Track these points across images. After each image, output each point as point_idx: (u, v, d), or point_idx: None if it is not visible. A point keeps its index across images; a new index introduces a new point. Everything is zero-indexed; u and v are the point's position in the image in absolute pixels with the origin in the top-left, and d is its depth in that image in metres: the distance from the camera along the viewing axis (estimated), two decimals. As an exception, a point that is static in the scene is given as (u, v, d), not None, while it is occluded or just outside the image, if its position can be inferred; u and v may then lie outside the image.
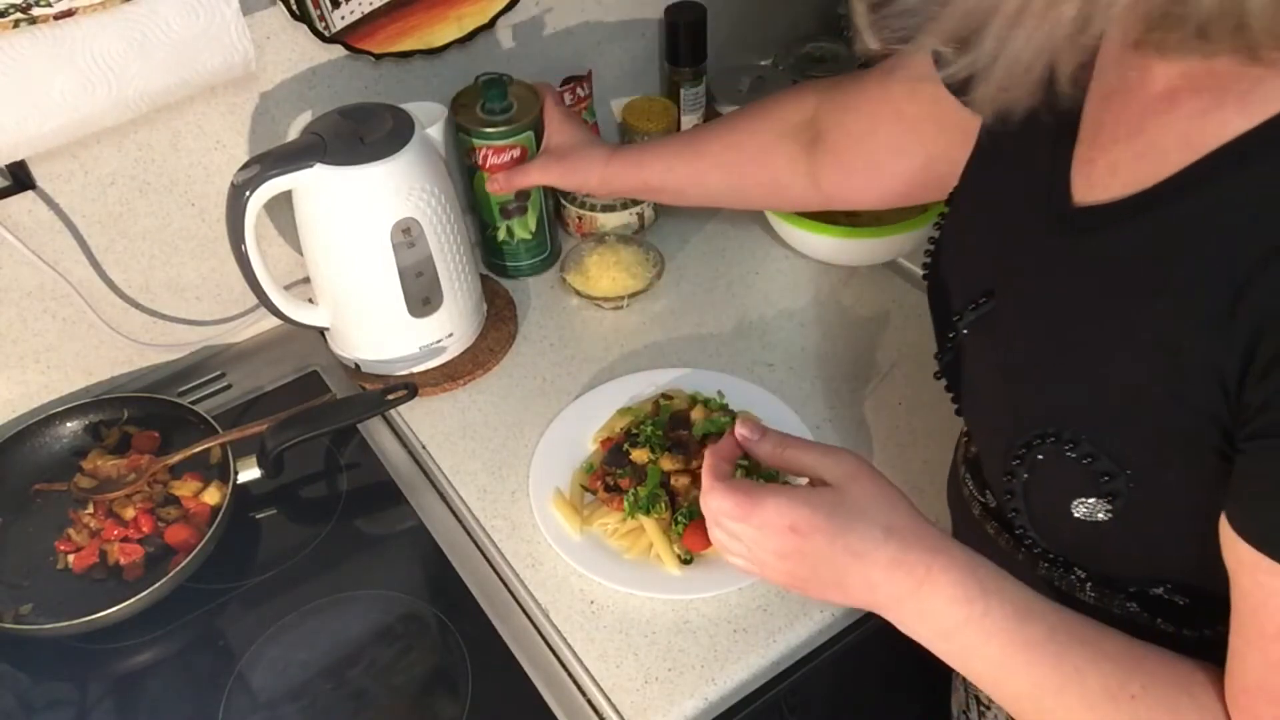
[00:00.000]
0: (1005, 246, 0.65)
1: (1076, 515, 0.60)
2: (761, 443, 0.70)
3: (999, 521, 0.73)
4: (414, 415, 1.07)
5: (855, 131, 0.90)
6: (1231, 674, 0.55)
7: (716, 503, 0.67)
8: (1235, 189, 0.50)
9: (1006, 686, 0.61)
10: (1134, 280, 0.55)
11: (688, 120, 1.29)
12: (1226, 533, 0.52)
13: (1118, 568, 0.64)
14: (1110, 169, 0.57)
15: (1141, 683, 0.57)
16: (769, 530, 0.64)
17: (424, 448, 1.05)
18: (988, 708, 0.89)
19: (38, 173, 0.96)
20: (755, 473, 0.94)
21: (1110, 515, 0.58)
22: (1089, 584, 0.67)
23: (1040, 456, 0.61)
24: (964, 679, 0.94)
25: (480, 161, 1.11)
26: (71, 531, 0.94)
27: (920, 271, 0.79)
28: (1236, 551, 0.51)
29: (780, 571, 0.66)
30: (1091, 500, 0.58)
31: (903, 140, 0.86)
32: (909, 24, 0.50)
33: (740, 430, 0.71)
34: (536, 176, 1.09)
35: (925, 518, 0.65)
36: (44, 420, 1.01)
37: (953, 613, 0.61)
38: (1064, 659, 0.58)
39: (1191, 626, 0.63)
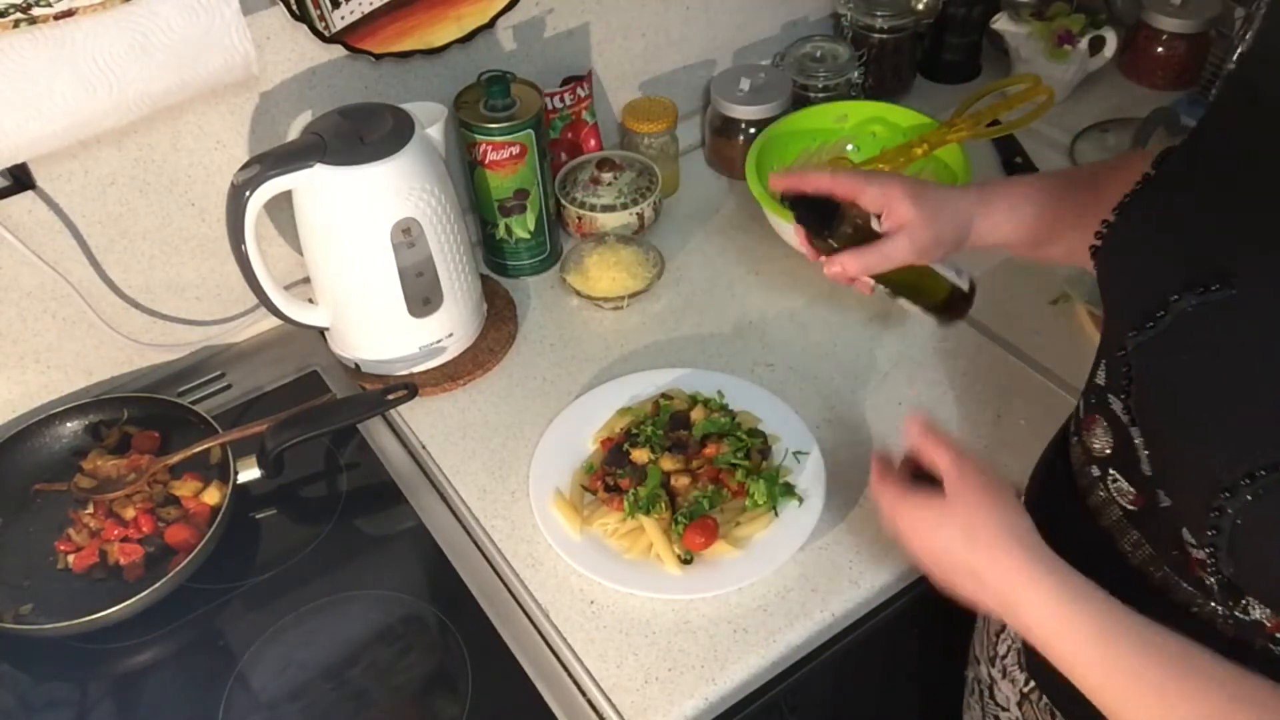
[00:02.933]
0: (1259, 232, 0.58)
1: None
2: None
3: (1142, 530, 0.68)
4: (414, 415, 1.07)
5: None
6: None
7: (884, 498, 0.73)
8: None
9: (1104, 701, 0.61)
10: None
11: None
12: None
13: None
14: None
15: (1256, 707, 0.56)
16: (908, 531, 0.72)
17: (424, 448, 1.05)
18: None
19: (38, 173, 0.96)
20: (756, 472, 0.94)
21: None
22: (1233, 622, 0.62)
23: (1276, 482, 0.53)
24: (979, 696, 0.94)
25: (480, 157, 1.11)
26: (71, 531, 0.94)
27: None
28: None
29: (925, 560, 0.72)
30: None
31: None
32: None
33: (913, 430, 0.74)
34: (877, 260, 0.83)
35: (1018, 531, 0.67)
36: (44, 420, 1.01)
37: (1043, 634, 0.63)
38: (1151, 684, 0.58)
39: None
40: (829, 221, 0.80)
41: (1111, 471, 0.69)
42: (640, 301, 1.18)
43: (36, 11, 0.80)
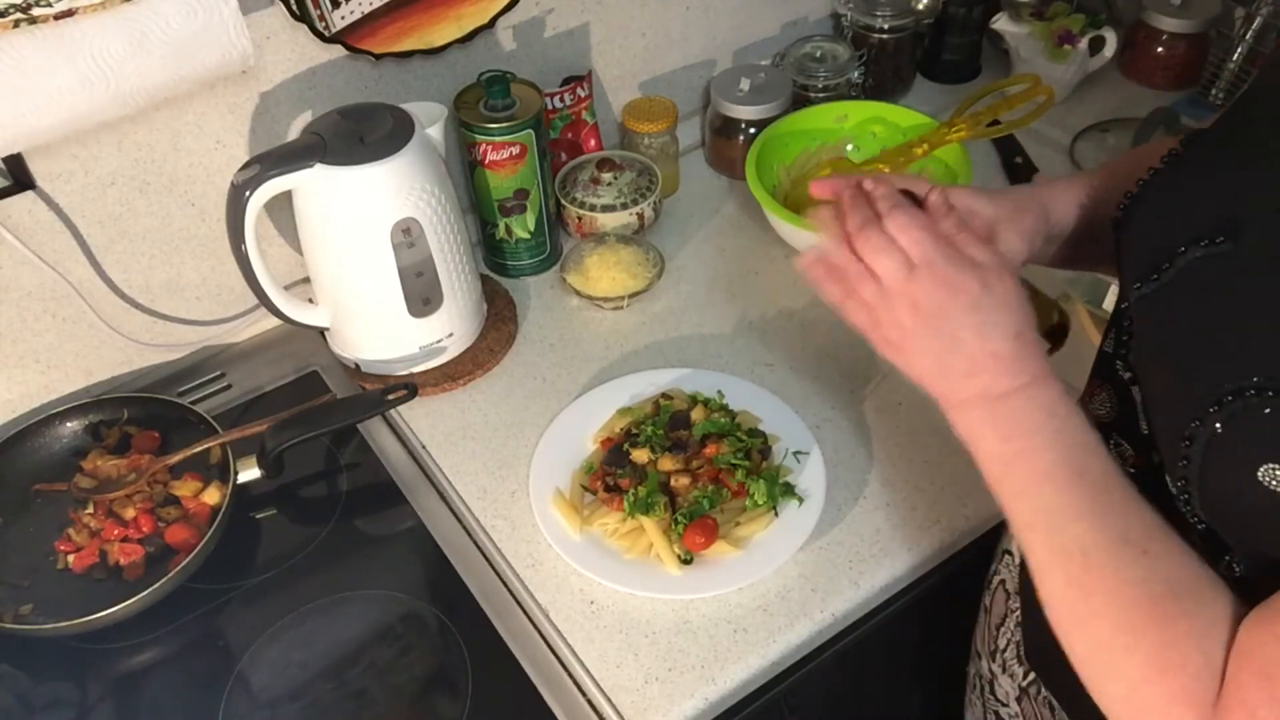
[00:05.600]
0: (1261, 189, 0.60)
1: (1261, 480, 0.55)
2: (945, 220, 0.68)
3: (1138, 484, 0.68)
4: (414, 415, 1.07)
5: None
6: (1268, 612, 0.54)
7: (906, 217, 0.66)
8: None
9: (1033, 500, 0.62)
10: None
11: None
12: None
13: (1265, 547, 0.59)
14: None
15: (1161, 548, 0.58)
16: (928, 270, 0.64)
17: (424, 448, 1.05)
18: None
19: (38, 172, 0.96)
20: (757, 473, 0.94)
21: None
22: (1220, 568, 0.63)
23: (1244, 407, 0.55)
24: (980, 692, 0.94)
25: (480, 157, 1.11)
26: (71, 531, 0.94)
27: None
28: None
29: (896, 320, 0.66)
30: None
31: None
32: None
33: (935, 198, 0.69)
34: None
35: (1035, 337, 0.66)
36: (44, 420, 1.01)
37: (1031, 420, 0.63)
38: (1099, 498, 0.60)
39: None
40: None
41: (1115, 436, 0.70)
42: (640, 301, 1.18)
43: (36, 12, 0.80)
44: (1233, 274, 0.60)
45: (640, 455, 0.95)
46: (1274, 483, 0.54)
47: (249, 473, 0.97)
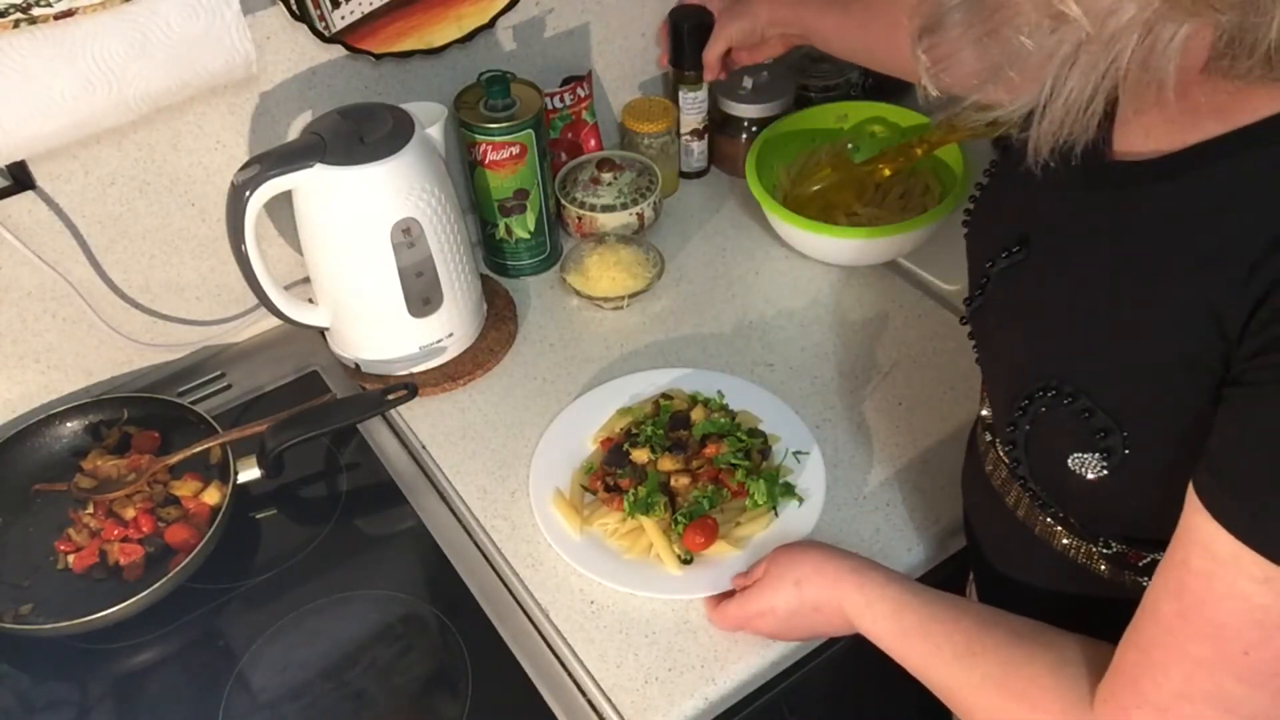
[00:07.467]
0: (1042, 196, 0.66)
1: (1072, 469, 0.62)
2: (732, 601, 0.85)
3: (1021, 484, 0.74)
4: (414, 415, 1.07)
5: None
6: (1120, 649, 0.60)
7: (727, 625, 0.86)
8: (1261, 164, 0.52)
9: (908, 665, 0.73)
10: (1155, 239, 0.57)
11: (688, 121, 1.29)
12: (1189, 497, 0.54)
13: (1115, 527, 0.67)
14: (1145, 132, 0.58)
15: (984, 644, 0.67)
16: (753, 626, 0.84)
17: (424, 448, 1.05)
18: None
19: (38, 173, 0.96)
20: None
21: (1105, 472, 0.61)
22: (1104, 559, 0.68)
23: (1042, 409, 0.63)
24: None
25: (480, 157, 1.11)
26: (71, 531, 0.94)
27: (919, 272, 0.79)
28: (1188, 516, 0.53)
29: (781, 634, 0.84)
30: (1087, 455, 0.61)
31: None
32: (961, 72, 0.53)
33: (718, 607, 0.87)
34: (721, 43, 1.18)
35: (828, 553, 0.80)
36: (44, 420, 1.01)
37: (862, 626, 0.76)
38: (928, 637, 0.71)
39: None
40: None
41: (997, 439, 0.75)
42: (640, 301, 1.18)
43: (36, 11, 0.80)
44: (1026, 280, 0.67)
45: (640, 455, 0.95)
46: (1080, 469, 0.62)
47: (249, 473, 0.97)
